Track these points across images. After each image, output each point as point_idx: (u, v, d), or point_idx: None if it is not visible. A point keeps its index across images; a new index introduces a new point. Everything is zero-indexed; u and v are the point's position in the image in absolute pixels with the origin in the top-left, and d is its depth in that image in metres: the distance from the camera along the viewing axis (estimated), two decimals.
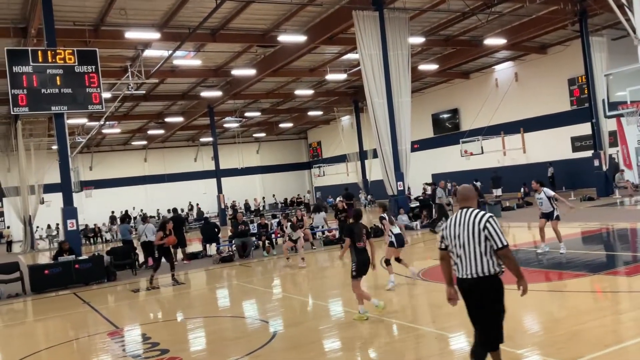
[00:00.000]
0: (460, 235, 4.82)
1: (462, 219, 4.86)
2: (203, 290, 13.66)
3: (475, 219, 4.78)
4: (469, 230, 4.78)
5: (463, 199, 5.04)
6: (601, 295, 8.72)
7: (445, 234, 4.96)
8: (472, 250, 4.74)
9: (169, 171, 48.10)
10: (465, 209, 4.92)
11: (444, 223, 5.07)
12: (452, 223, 4.93)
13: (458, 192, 5.18)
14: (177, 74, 27.92)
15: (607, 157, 25.74)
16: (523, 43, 28.76)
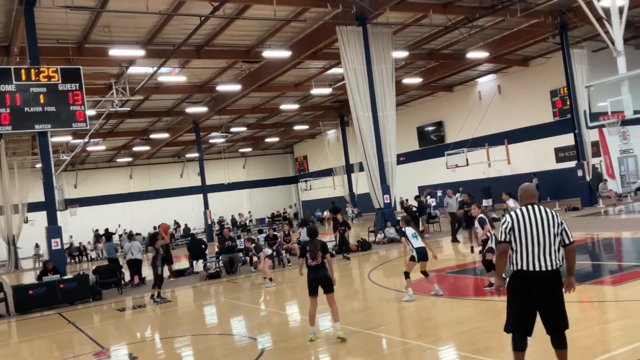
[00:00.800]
0: (535, 230, 5.01)
1: (537, 214, 5.07)
2: (190, 308, 13.53)
3: (553, 215, 5.09)
4: (548, 225, 5.03)
5: (529, 196, 5.27)
6: (588, 305, 8.78)
7: (514, 228, 5.07)
8: (549, 244, 4.99)
9: (154, 188, 47.77)
10: (531, 205, 5.16)
11: (506, 217, 5.20)
12: (524, 218, 5.07)
13: (523, 191, 5.34)
14: (162, 91, 27.88)
15: (590, 167, 26.06)
16: (505, 56, 29.17)
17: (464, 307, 9.66)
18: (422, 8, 20.68)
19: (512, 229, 5.08)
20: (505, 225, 5.14)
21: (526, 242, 5.01)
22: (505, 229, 5.13)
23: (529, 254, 4.99)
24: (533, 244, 4.99)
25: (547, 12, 23.14)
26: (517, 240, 5.05)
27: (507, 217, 5.19)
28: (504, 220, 5.20)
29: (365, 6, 19.52)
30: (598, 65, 25.69)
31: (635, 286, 9.39)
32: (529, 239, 5.00)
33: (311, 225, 8.88)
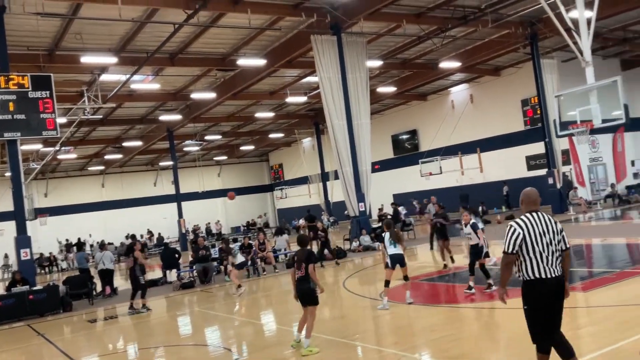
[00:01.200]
0: (545, 237, 5.00)
1: (542, 221, 5.05)
2: (163, 318, 13.35)
3: (555, 222, 5.11)
4: (553, 232, 5.04)
5: (532, 202, 5.19)
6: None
7: (525, 238, 4.98)
8: (554, 250, 5.01)
9: (127, 196, 47.11)
10: (535, 212, 5.10)
11: (514, 227, 5.03)
12: (533, 226, 5.00)
13: (526, 196, 5.25)
14: (135, 98, 27.60)
15: (560, 175, 26.53)
16: (477, 66, 29.63)
17: (437, 314, 9.73)
18: (396, 18, 20.91)
19: (523, 239, 4.98)
20: (515, 236, 5.00)
21: (539, 251, 4.96)
22: (515, 240, 4.99)
23: (542, 262, 4.95)
24: (545, 252, 4.97)
25: (518, 23, 23.61)
26: (530, 249, 4.97)
27: (515, 227, 5.03)
28: (511, 230, 5.04)
29: (339, 16, 19.65)
30: (567, 75, 26.25)
31: (605, 292, 9.57)
32: (541, 247, 4.96)
33: (301, 234, 8.73)
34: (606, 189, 29.76)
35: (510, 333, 7.83)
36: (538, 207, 5.16)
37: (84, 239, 38.08)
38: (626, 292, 9.39)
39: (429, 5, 20.64)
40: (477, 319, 9.15)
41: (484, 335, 8.13)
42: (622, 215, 23.26)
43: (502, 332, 8.09)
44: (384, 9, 19.90)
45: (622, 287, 9.68)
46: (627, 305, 8.23)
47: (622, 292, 9.43)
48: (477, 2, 20.85)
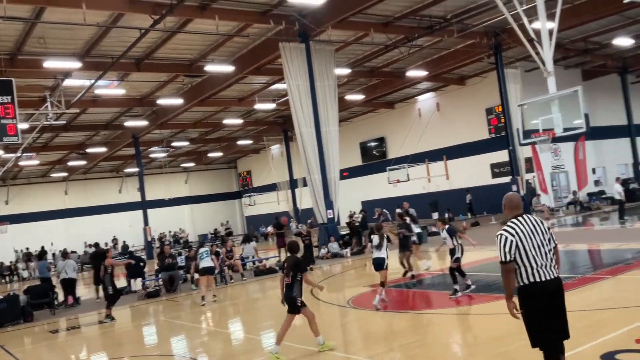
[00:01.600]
0: (536, 240, 4.94)
1: (532, 225, 5.00)
2: (128, 328, 13.09)
3: (542, 222, 5.07)
4: (543, 234, 4.99)
5: (515, 207, 5.17)
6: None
7: (518, 244, 4.89)
8: (547, 253, 4.96)
9: (91, 204, 46.20)
10: (521, 216, 5.05)
11: (505, 235, 4.94)
12: (523, 231, 4.93)
13: (509, 201, 5.22)
14: (99, 104, 27.13)
15: (524, 183, 27.08)
16: (443, 75, 30.08)
17: (405, 320, 9.79)
18: (363, 27, 21.09)
19: (517, 247, 4.90)
20: (508, 244, 4.90)
21: (532, 255, 4.89)
22: (509, 249, 4.90)
23: (538, 264, 4.89)
24: (539, 254, 4.91)
25: (482, 33, 24.09)
26: (523, 255, 4.89)
27: (507, 236, 4.93)
28: (503, 239, 4.94)
29: (307, 23, 19.72)
30: (530, 84, 26.87)
31: (567, 297, 9.72)
32: (534, 249, 4.90)
33: (292, 240, 8.67)
34: (568, 196, 30.50)
35: (478, 339, 7.94)
36: (521, 211, 5.13)
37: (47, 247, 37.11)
38: (588, 297, 9.62)
39: (395, 14, 20.89)
40: (445, 325, 9.23)
41: (451, 340, 8.22)
42: (584, 222, 23.87)
43: (470, 338, 8.19)
44: (352, 18, 20.05)
45: (584, 292, 9.90)
46: (588, 310, 8.42)
47: (584, 297, 9.65)
48: (442, 12, 21.19)
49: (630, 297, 8.98)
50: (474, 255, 17.14)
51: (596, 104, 31.62)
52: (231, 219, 52.30)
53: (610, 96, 33.51)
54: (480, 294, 10.86)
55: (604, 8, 21.59)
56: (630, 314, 7.78)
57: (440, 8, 20.67)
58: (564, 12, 17.11)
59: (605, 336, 6.86)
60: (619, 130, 33.61)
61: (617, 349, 6.24)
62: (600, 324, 7.50)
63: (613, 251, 14.30)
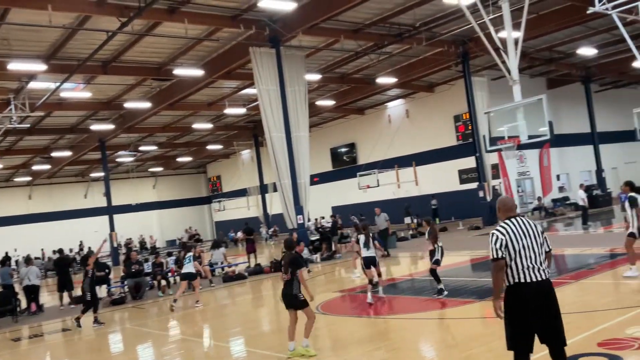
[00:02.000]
0: (526, 242, 4.98)
1: (524, 226, 5.05)
2: (92, 336, 12.81)
3: (536, 225, 5.12)
4: (535, 236, 5.05)
5: (509, 209, 5.24)
6: (489, 320, 9.19)
7: (508, 244, 4.94)
8: (539, 254, 5.01)
9: (56, 209, 45.19)
10: (514, 217, 5.12)
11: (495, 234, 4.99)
12: (514, 231, 4.99)
13: (502, 204, 5.31)
14: (65, 107, 26.59)
15: (490, 189, 27.52)
16: (412, 82, 30.44)
17: (374, 325, 9.82)
18: (334, 33, 21.21)
19: (506, 246, 4.95)
20: (498, 242, 4.96)
21: (521, 255, 4.93)
22: (499, 246, 4.96)
23: (525, 266, 4.92)
24: (528, 256, 4.94)
25: (450, 41, 24.46)
26: (512, 254, 4.94)
27: (497, 235, 5.00)
28: (493, 238, 5.00)
29: (278, 29, 19.72)
30: (497, 92, 27.37)
31: None
32: (524, 250, 4.94)
33: (288, 237, 8.65)
34: (533, 202, 31.09)
35: (445, 342, 8.01)
36: (515, 213, 5.20)
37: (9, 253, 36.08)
38: None
39: (365, 22, 21.06)
40: (414, 329, 9.29)
41: (418, 345, 8.27)
42: (548, 228, 24.33)
43: (435, 343, 8.25)
44: (322, 24, 20.15)
45: None
46: None
47: None
48: (411, 20, 21.45)
49: (592, 301, 9.19)
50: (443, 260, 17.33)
51: (560, 112, 32.37)
52: (200, 224, 51.76)
53: (574, 104, 34.36)
54: (445, 299, 10.98)
55: (568, 18, 22.17)
56: (592, 318, 7.96)
57: (409, 16, 20.92)
58: (530, 22, 17.52)
59: (568, 340, 6.95)
60: (583, 138, 34.48)
61: (579, 353, 6.37)
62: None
63: (576, 256, 14.62)
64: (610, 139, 35.99)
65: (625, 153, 37.40)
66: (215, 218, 52.28)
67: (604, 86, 37.44)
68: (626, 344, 6.57)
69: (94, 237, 41.36)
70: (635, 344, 6.49)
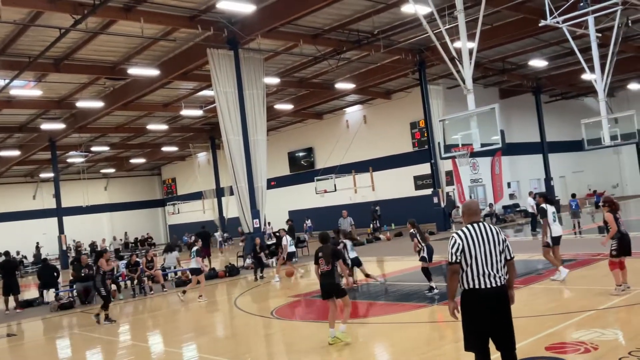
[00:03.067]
0: (485, 247, 4.99)
1: (483, 232, 5.06)
2: (39, 342, 12.38)
3: (496, 231, 5.11)
4: (494, 242, 5.03)
5: (473, 214, 5.25)
6: (441, 324, 9.34)
7: (464, 248, 5.00)
8: (497, 260, 5.00)
9: (3, 210, 43.49)
10: (476, 223, 5.12)
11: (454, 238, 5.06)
12: (472, 236, 5.02)
13: (467, 208, 5.31)
14: (14, 105, 25.68)
15: (444, 195, 28.03)
16: (370, 88, 30.74)
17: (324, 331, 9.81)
18: (293, 37, 21.22)
19: (462, 250, 5.01)
20: (455, 247, 5.04)
21: (477, 261, 4.97)
22: (455, 251, 5.03)
23: (480, 272, 4.96)
24: (484, 262, 4.97)
25: (408, 49, 24.84)
26: (468, 259, 4.99)
27: (456, 239, 5.07)
28: (452, 241, 5.08)
29: (236, 31, 19.59)
30: (452, 100, 27.94)
31: None
32: (480, 257, 4.97)
33: (323, 232, 8.71)
34: (485, 209, 31.80)
35: (397, 346, 8.07)
36: (479, 218, 5.24)
37: None
38: None
39: (325, 27, 21.16)
40: (369, 334, 9.33)
41: (370, 350, 8.31)
42: None
43: (388, 347, 8.31)
44: (282, 28, 20.15)
45: None
46: None
47: None
48: (370, 27, 21.68)
49: (541, 305, 9.45)
50: (396, 265, 17.56)
51: (512, 122, 33.29)
52: (154, 227, 50.74)
53: (525, 114, 35.39)
54: (399, 303, 11.10)
55: (521, 30, 22.85)
56: (540, 322, 8.18)
57: (368, 23, 21.14)
58: (484, 33, 17.99)
59: (517, 343, 7.15)
60: (533, 147, 35.54)
61: (528, 356, 6.52)
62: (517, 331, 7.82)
63: (526, 262, 15.01)
64: (559, 148, 37.25)
65: (573, 162, 38.75)
66: (170, 221, 51.39)
67: (554, 97, 38.73)
68: (573, 347, 6.78)
69: (42, 239, 40.17)
70: (581, 348, 6.70)
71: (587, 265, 13.01)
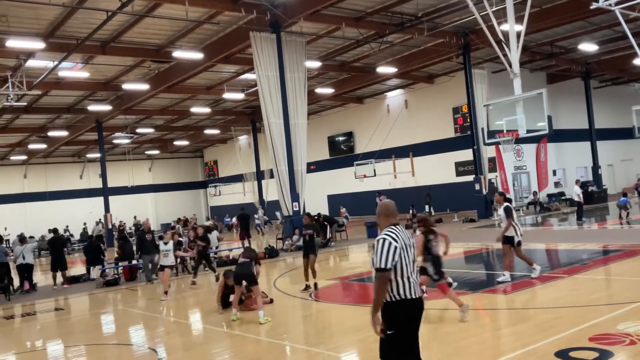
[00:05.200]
0: (410, 253, 4.53)
1: (407, 238, 4.57)
2: (85, 316, 12.84)
3: (410, 237, 4.65)
4: (413, 247, 4.60)
5: (392, 215, 4.67)
6: (481, 312, 9.24)
7: (399, 251, 4.43)
8: (415, 270, 4.59)
9: (51, 188, 45.07)
10: (398, 225, 4.59)
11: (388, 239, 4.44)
12: (401, 239, 4.49)
13: (385, 208, 4.72)
14: (62, 86, 26.40)
15: (486, 182, 27.55)
16: (412, 72, 30.31)
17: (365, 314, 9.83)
18: (335, 20, 21.06)
19: (399, 255, 4.42)
20: (392, 249, 4.38)
21: (407, 267, 4.45)
22: (393, 253, 4.38)
23: (410, 280, 4.47)
24: (411, 269, 4.48)
25: (452, 32, 24.34)
26: (403, 267, 4.43)
27: (390, 240, 4.42)
28: (386, 243, 4.41)
29: (279, 14, 19.58)
30: (497, 85, 27.32)
31: (525, 294, 10.00)
32: (408, 263, 4.47)
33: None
34: (529, 197, 31.18)
35: (432, 333, 8.03)
36: (397, 220, 4.65)
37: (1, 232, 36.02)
38: (545, 295, 9.86)
39: (368, 9, 20.91)
40: None
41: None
42: (543, 222, 24.43)
43: (426, 333, 8.27)
44: (324, 11, 20.01)
45: (541, 290, 10.15)
46: (545, 308, 8.63)
47: (541, 295, 9.89)
48: (414, 10, 21.32)
49: (585, 296, 9.23)
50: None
51: (559, 108, 32.36)
52: (196, 208, 51.71)
53: (573, 100, 34.34)
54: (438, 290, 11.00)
55: (571, 13, 22.06)
56: (584, 313, 8.00)
57: (412, 6, 20.78)
58: (532, 16, 17.43)
59: (560, 334, 7.03)
60: (580, 134, 34.50)
61: (571, 347, 6.41)
62: (555, 322, 7.68)
63: (570, 251, 14.68)
64: (608, 135, 36.05)
65: (622, 150, 37.49)
66: (211, 203, 52.26)
67: (604, 83, 37.41)
68: (617, 339, 6.60)
69: (88, 217, 41.48)
70: (626, 340, 6.53)
71: (635, 256, 12.62)
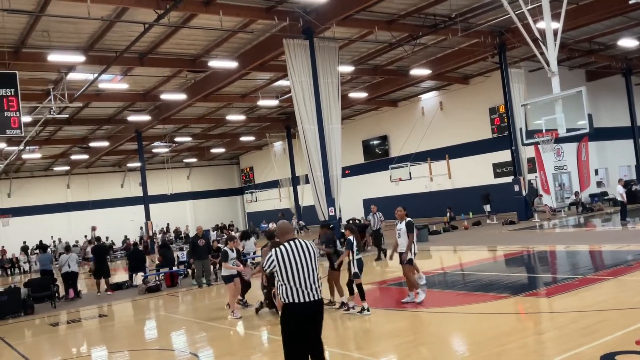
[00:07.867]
0: (301, 262, 5.42)
1: (300, 249, 5.48)
2: (128, 322, 13.13)
3: (311, 246, 5.56)
4: (310, 257, 5.50)
5: (285, 233, 5.71)
6: (523, 316, 9.06)
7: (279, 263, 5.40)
8: (313, 275, 5.45)
9: (93, 198, 46.28)
10: (293, 240, 5.55)
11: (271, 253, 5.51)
12: (286, 252, 5.43)
13: (280, 228, 5.78)
14: (102, 98, 27.14)
15: (526, 183, 27.02)
16: (447, 73, 30.01)
17: (402, 319, 9.78)
18: (368, 24, 21.05)
19: (277, 264, 5.43)
20: (269, 260, 5.48)
21: (294, 275, 5.37)
22: (269, 264, 5.49)
23: (299, 286, 5.35)
24: (301, 277, 5.37)
25: (487, 32, 24.02)
26: (285, 274, 5.38)
27: (272, 253, 5.50)
28: (269, 254, 5.53)
29: (312, 20, 19.69)
30: (534, 84, 26.81)
31: (568, 298, 9.77)
32: (296, 271, 5.37)
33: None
34: (570, 197, 30.44)
35: (474, 337, 7.93)
36: (292, 236, 5.65)
37: (47, 240, 37.16)
38: (588, 297, 9.61)
39: (400, 12, 20.83)
40: (440, 324, 9.22)
41: (446, 340, 8.21)
42: (586, 223, 23.82)
43: (466, 337, 8.18)
44: (356, 15, 20.03)
45: (584, 293, 9.90)
46: (588, 311, 8.42)
47: (584, 297, 9.65)
48: (447, 10, 21.13)
49: (630, 298, 8.96)
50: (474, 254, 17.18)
51: (599, 105, 31.55)
52: (233, 215, 52.32)
53: (614, 97, 33.40)
54: (478, 293, 10.86)
55: (610, 9, 21.51)
56: (630, 316, 7.77)
57: (445, 7, 20.61)
58: (569, 13, 17.06)
59: (605, 337, 6.85)
60: (622, 132, 33.52)
61: (617, 350, 6.24)
62: (600, 325, 7.49)
63: (614, 252, 14.28)
64: None
65: None
66: (248, 209, 52.76)
67: None
68: None
69: (130, 225, 42.46)
70: None
71: None
